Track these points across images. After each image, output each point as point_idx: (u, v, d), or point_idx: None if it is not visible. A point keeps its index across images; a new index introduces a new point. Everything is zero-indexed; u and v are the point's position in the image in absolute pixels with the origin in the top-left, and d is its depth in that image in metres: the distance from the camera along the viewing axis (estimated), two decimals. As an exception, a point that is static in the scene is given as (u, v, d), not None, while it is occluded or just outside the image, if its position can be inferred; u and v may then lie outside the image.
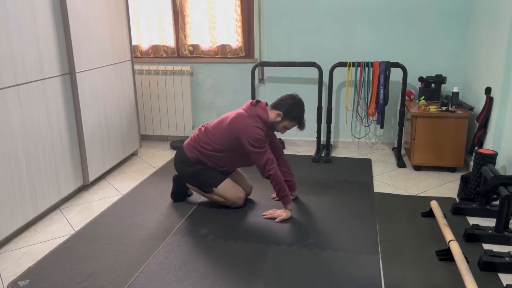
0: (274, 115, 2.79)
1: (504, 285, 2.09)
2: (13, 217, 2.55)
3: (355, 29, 4.02)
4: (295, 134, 4.20)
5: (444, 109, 3.54)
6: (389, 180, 3.45)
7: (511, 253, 2.25)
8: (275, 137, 3.01)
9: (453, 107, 3.55)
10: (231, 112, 2.87)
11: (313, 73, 4.13)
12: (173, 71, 4.34)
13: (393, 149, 4.18)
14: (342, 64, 3.81)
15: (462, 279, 2.06)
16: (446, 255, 2.31)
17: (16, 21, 2.51)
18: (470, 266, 2.18)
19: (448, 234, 2.40)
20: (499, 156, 3.04)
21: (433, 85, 3.86)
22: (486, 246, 2.43)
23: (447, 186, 3.31)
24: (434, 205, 2.78)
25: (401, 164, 3.75)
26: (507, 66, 2.98)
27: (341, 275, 2.18)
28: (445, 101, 3.58)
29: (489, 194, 2.75)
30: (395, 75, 3.96)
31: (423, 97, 3.83)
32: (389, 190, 3.24)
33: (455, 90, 3.55)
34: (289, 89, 4.26)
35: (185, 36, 4.35)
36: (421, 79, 3.90)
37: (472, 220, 2.75)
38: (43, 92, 2.77)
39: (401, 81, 3.86)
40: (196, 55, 4.38)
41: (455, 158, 3.53)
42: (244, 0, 4.14)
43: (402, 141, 3.96)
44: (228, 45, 4.28)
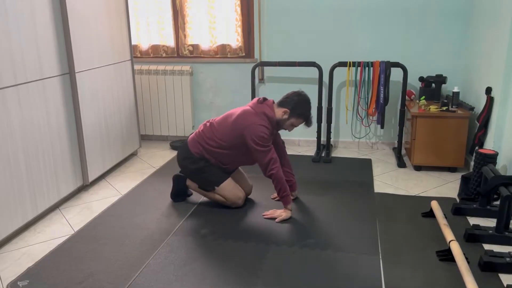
0: (280, 113, 2.77)
1: (505, 285, 2.09)
2: (12, 217, 2.54)
3: (355, 28, 4.02)
4: (295, 134, 4.19)
5: (444, 109, 3.53)
6: (390, 180, 3.44)
7: (511, 253, 2.24)
8: (279, 136, 3.00)
9: (453, 107, 3.55)
10: (237, 109, 2.85)
11: (313, 73, 4.13)
12: (173, 71, 4.33)
13: (394, 149, 4.18)
14: (342, 64, 3.80)
15: (463, 280, 2.06)
16: (446, 255, 2.31)
17: (15, 21, 2.51)
18: (471, 267, 2.18)
19: (449, 234, 2.40)
20: (500, 156, 3.03)
21: (433, 85, 3.85)
22: (486, 247, 2.43)
23: (447, 186, 3.31)
24: (435, 205, 2.77)
25: (401, 164, 3.74)
26: (508, 66, 2.98)
27: (341, 275, 2.17)
28: (445, 101, 3.58)
29: (490, 194, 2.74)
30: (396, 75, 3.95)
31: (423, 97, 3.82)
32: (389, 190, 3.24)
33: (455, 90, 3.54)
34: (289, 89, 4.20)
35: (185, 36, 4.34)
36: (421, 79, 3.89)
37: (473, 220, 2.74)
38: (43, 92, 2.77)
39: (401, 81, 3.85)
40: (196, 55, 4.38)
41: (456, 158, 3.53)
42: (244, -1, 4.14)
43: (403, 141, 3.96)
44: (228, 45, 4.28)
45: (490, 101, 3.18)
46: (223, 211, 2.89)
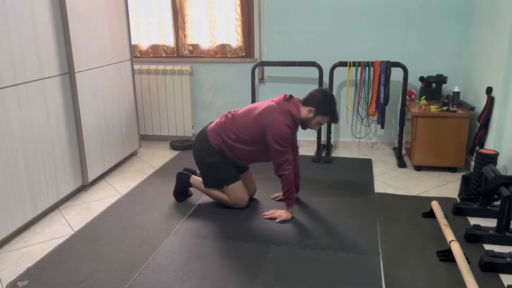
0: (305, 112, 2.73)
1: (505, 285, 2.08)
2: (12, 217, 2.54)
3: (355, 28, 4.01)
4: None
5: (445, 109, 3.53)
6: (390, 180, 3.44)
7: (512, 253, 2.24)
8: (295, 136, 2.97)
9: (454, 107, 3.54)
10: (261, 102, 2.80)
11: (313, 72, 4.12)
12: (172, 70, 4.33)
13: (394, 149, 4.17)
14: (343, 64, 3.80)
15: (463, 280, 2.05)
16: (447, 255, 2.30)
17: (15, 21, 2.50)
18: (471, 267, 2.17)
19: (449, 235, 2.39)
20: (500, 156, 3.03)
21: (434, 84, 3.85)
22: (487, 247, 2.42)
23: (448, 186, 3.30)
24: (435, 205, 2.77)
25: (401, 164, 3.74)
26: (508, 65, 2.97)
27: (341, 275, 2.17)
28: (446, 101, 3.58)
29: (490, 195, 2.74)
30: (396, 74, 3.95)
31: (423, 97, 3.82)
32: (389, 190, 3.23)
33: (456, 90, 3.53)
34: (290, 89, 4.26)
35: (184, 36, 4.34)
36: (421, 78, 3.89)
37: (473, 221, 2.74)
38: (42, 92, 2.76)
39: (401, 80, 3.85)
40: (195, 54, 4.37)
41: (456, 158, 3.52)
42: (244, -1, 4.14)
43: (403, 141, 3.95)
44: (228, 44, 4.27)
45: (490, 101, 3.17)
46: (223, 211, 2.89)
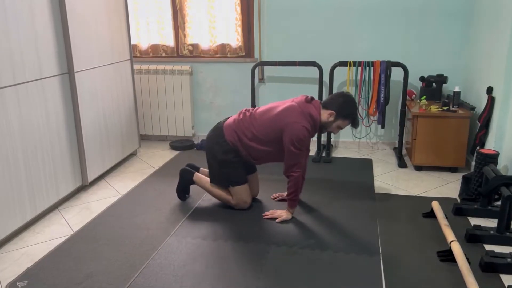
0: (326, 115, 2.70)
1: (506, 286, 2.08)
2: (11, 218, 2.53)
3: (355, 28, 4.00)
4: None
5: (445, 109, 3.52)
6: (390, 180, 3.43)
7: (513, 254, 2.24)
8: None
9: (454, 107, 3.54)
10: (282, 102, 2.77)
11: (313, 72, 4.11)
12: (172, 70, 4.32)
13: (394, 149, 4.17)
14: (343, 64, 3.79)
15: (464, 280, 2.05)
16: (447, 256, 2.30)
17: (14, 20, 2.50)
18: (472, 267, 2.17)
19: (450, 235, 2.39)
20: (501, 156, 3.02)
21: (434, 84, 3.84)
22: (487, 247, 2.42)
23: (448, 186, 3.30)
24: (435, 205, 2.76)
25: (402, 164, 3.73)
26: (509, 65, 2.97)
27: (342, 276, 2.16)
28: (446, 100, 3.57)
29: (491, 195, 2.73)
30: (396, 74, 3.94)
31: (424, 96, 3.81)
32: (390, 190, 3.23)
33: (456, 89, 3.53)
34: (290, 88, 4.25)
35: (184, 36, 4.33)
36: (422, 78, 3.88)
37: (474, 221, 2.73)
38: (42, 91, 2.76)
39: (402, 80, 3.84)
40: (195, 54, 4.37)
41: (457, 158, 3.52)
42: (244, -1, 4.13)
43: (403, 141, 3.94)
44: (228, 44, 4.26)
45: (491, 101, 3.17)
46: (223, 211, 2.88)
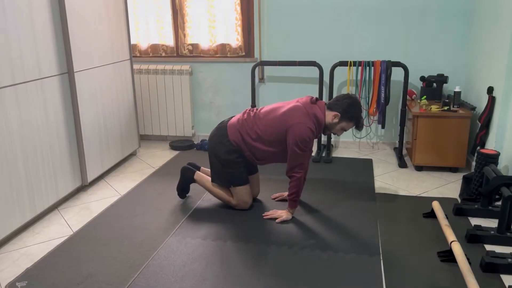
0: (331, 117, 2.69)
1: (507, 286, 2.07)
2: (11, 218, 2.53)
3: (356, 28, 4.00)
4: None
5: (446, 108, 3.51)
6: (390, 180, 3.43)
7: (514, 254, 2.23)
8: None
9: (455, 106, 3.53)
10: (286, 102, 2.76)
11: (313, 72, 4.11)
12: (172, 70, 4.32)
13: (395, 149, 4.16)
14: (343, 63, 3.78)
15: (464, 281, 2.04)
16: (448, 256, 2.29)
17: (13, 20, 2.49)
18: (472, 268, 2.16)
19: (450, 235, 2.38)
20: (501, 156, 3.01)
21: (434, 84, 3.84)
22: (488, 247, 2.41)
23: (448, 186, 3.29)
24: (436, 205, 2.76)
25: (402, 164, 3.73)
26: (509, 65, 2.96)
27: (342, 276, 2.16)
28: (447, 100, 3.56)
29: (491, 195, 2.73)
30: (397, 74, 3.94)
31: (424, 96, 3.80)
32: (390, 190, 3.22)
33: (457, 89, 3.52)
34: (290, 88, 4.25)
35: (184, 35, 4.32)
36: (422, 78, 3.88)
37: (474, 221, 2.73)
38: (41, 91, 2.75)
39: (402, 80, 3.83)
40: (195, 54, 4.36)
41: (457, 158, 3.51)
42: (244, -1, 4.12)
43: (404, 141, 3.94)
44: (228, 44, 4.26)
45: (491, 100, 3.16)
46: (223, 211, 2.88)
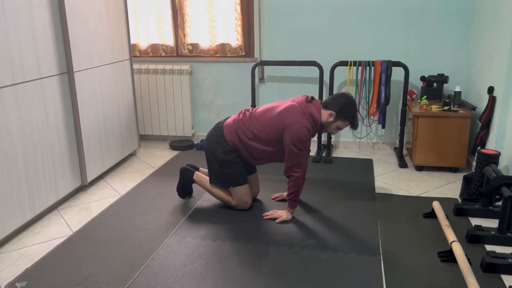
0: (326, 115, 2.70)
1: (507, 286, 2.07)
2: (10, 218, 2.52)
3: (356, 27, 3.99)
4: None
5: (446, 108, 3.51)
6: (391, 180, 3.42)
7: (514, 254, 2.23)
8: None
9: (455, 106, 3.53)
10: (282, 102, 2.77)
11: (313, 72, 4.11)
12: (172, 70, 4.31)
13: (395, 149, 4.16)
14: (343, 63, 3.78)
15: (465, 281, 2.04)
16: (448, 256, 2.29)
17: (13, 20, 2.49)
18: (473, 268, 2.16)
19: (450, 235, 2.38)
20: (502, 156, 3.01)
21: (435, 84, 3.83)
22: (488, 247, 2.41)
23: (449, 186, 3.29)
24: (436, 205, 2.75)
25: (402, 164, 3.72)
26: (510, 65, 2.96)
27: (342, 276, 2.15)
28: (447, 100, 3.56)
29: (492, 195, 2.72)
30: (397, 74, 3.93)
31: (425, 96, 3.80)
32: (390, 190, 3.22)
33: (457, 89, 3.52)
34: (290, 88, 4.24)
35: (184, 35, 4.32)
36: (423, 78, 3.87)
37: (475, 221, 2.72)
38: (41, 91, 2.75)
39: (402, 80, 3.83)
40: (195, 54, 4.36)
41: (458, 158, 3.51)
42: (244, -2, 4.12)
43: (404, 141, 3.93)
44: (228, 44, 4.25)
45: (492, 100, 3.16)
46: (222, 211, 2.88)
